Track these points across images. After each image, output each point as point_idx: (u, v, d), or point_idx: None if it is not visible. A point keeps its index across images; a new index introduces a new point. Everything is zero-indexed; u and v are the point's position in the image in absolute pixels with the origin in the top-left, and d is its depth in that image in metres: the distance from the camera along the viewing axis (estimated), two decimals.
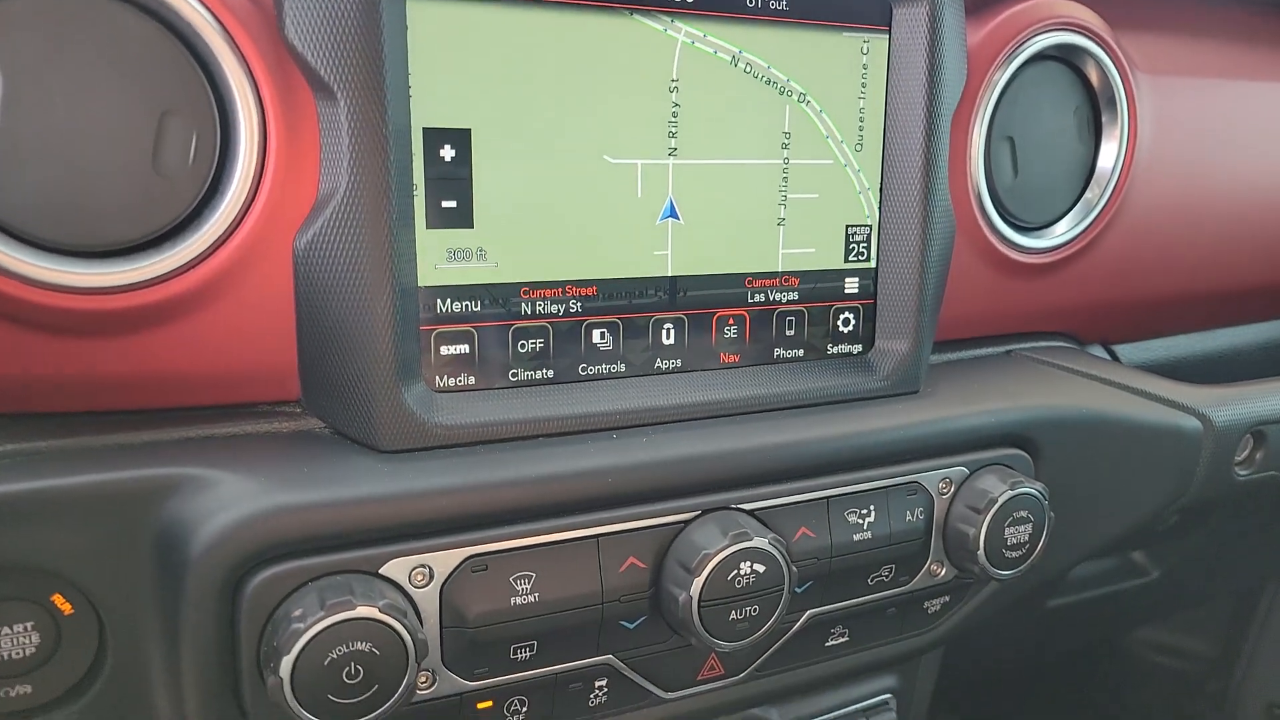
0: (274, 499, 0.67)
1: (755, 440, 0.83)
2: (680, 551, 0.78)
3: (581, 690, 0.80)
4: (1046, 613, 1.60)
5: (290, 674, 0.64)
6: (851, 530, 0.86)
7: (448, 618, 0.72)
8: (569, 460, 0.76)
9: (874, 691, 1.07)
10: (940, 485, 0.91)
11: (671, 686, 0.84)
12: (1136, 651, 2.26)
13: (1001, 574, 0.91)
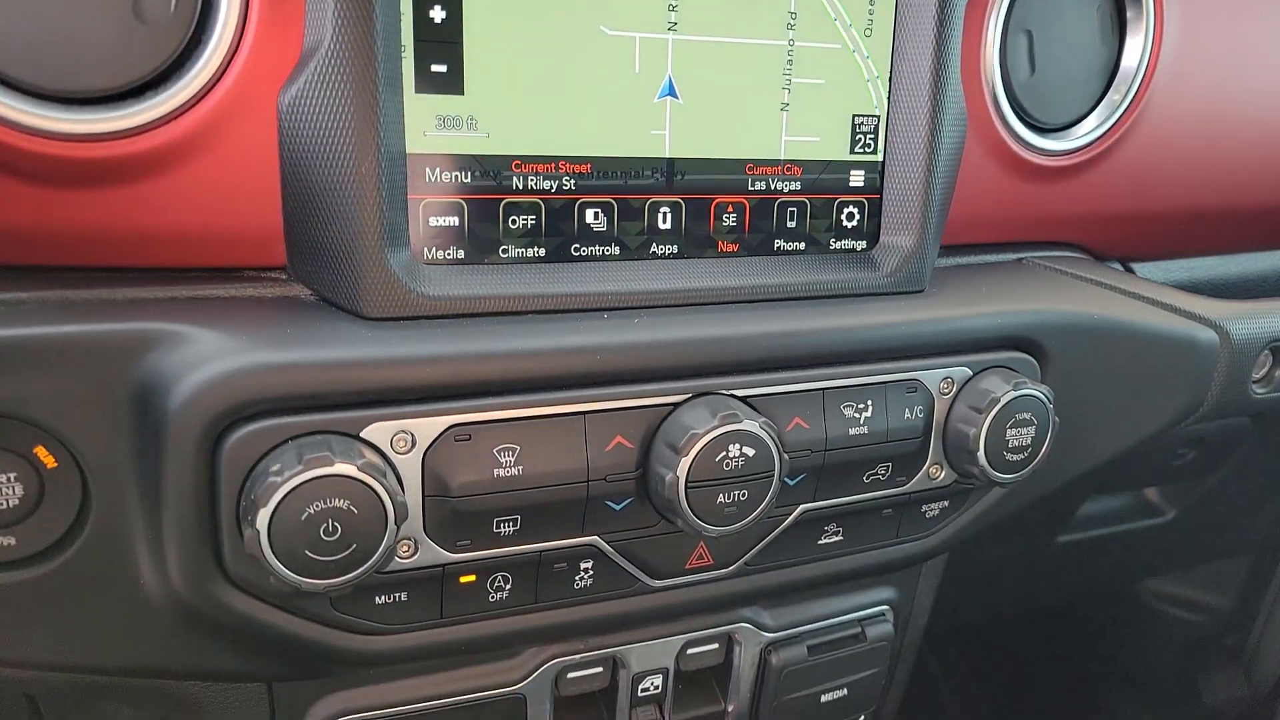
0: (255, 356, 0.67)
1: (751, 327, 0.81)
2: (669, 432, 0.76)
3: (566, 572, 0.80)
4: (1056, 550, 1.58)
5: (267, 527, 0.64)
6: (847, 424, 0.85)
7: (430, 486, 0.71)
8: (557, 336, 0.75)
9: (871, 602, 1.06)
10: (941, 385, 0.89)
11: (659, 574, 0.83)
12: (1148, 602, 2.24)
13: (1002, 477, 0.89)
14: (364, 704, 0.85)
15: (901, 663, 1.16)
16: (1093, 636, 2.42)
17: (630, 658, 0.94)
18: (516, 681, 0.89)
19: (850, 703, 1.06)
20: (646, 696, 0.96)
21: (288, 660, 0.77)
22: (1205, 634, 2.22)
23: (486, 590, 0.77)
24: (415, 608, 0.76)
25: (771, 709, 1.01)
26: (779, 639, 1.00)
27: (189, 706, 0.82)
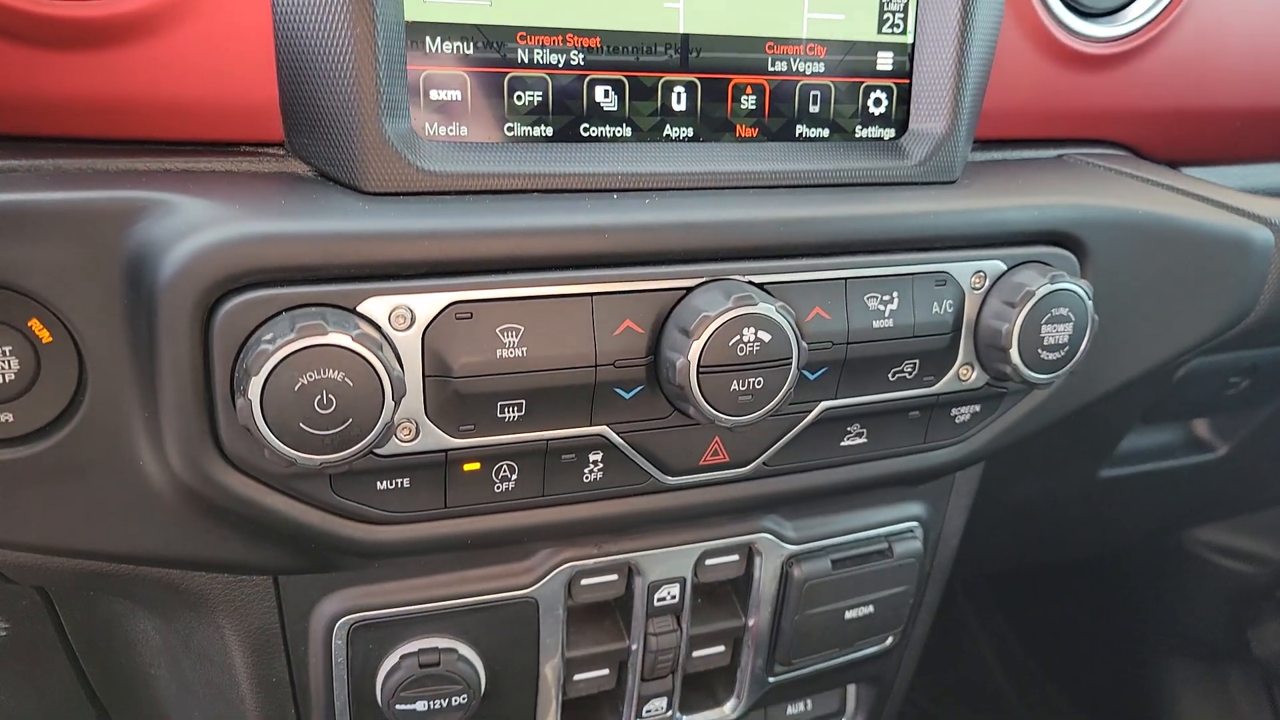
0: (248, 226, 0.64)
1: (770, 211, 0.77)
2: (680, 317, 0.73)
3: (575, 464, 0.77)
4: (1098, 487, 1.52)
5: (259, 397, 0.62)
6: (871, 316, 0.81)
7: (430, 366, 0.69)
8: (564, 215, 0.72)
9: (899, 518, 1.02)
10: (973, 280, 0.84)
11: (672, 470, 0.80)
12: (1195, 552, 2.16)
13: (1037, 377, 0.85)
14: (372, 602, 0.83)
15: (931, 585, 1.12)
16: (1135, 587, 2.35)
17: (646, 565, 0.91)
18: (528, 585, 0.87)
19: (876, 621, 1.03)
20: (663, 607, 0.94)
21: (291, 550, 0.76)
22: (1256, 586, 2.15)
23: (492, 480, 0.75)
24: (418, 496, 0.74)
25: (793, 624, 0.98)
26: (802, 552, 0.97)
27: (196, 601, 0.81)
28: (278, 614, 0.82)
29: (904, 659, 1.16)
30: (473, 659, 0.87)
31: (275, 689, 0.85)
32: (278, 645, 0.83)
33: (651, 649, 0.94)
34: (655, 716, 0.99)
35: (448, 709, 0.85)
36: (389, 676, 0.84)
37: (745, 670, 1.01)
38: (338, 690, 0.85)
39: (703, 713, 1.03)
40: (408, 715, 0.85)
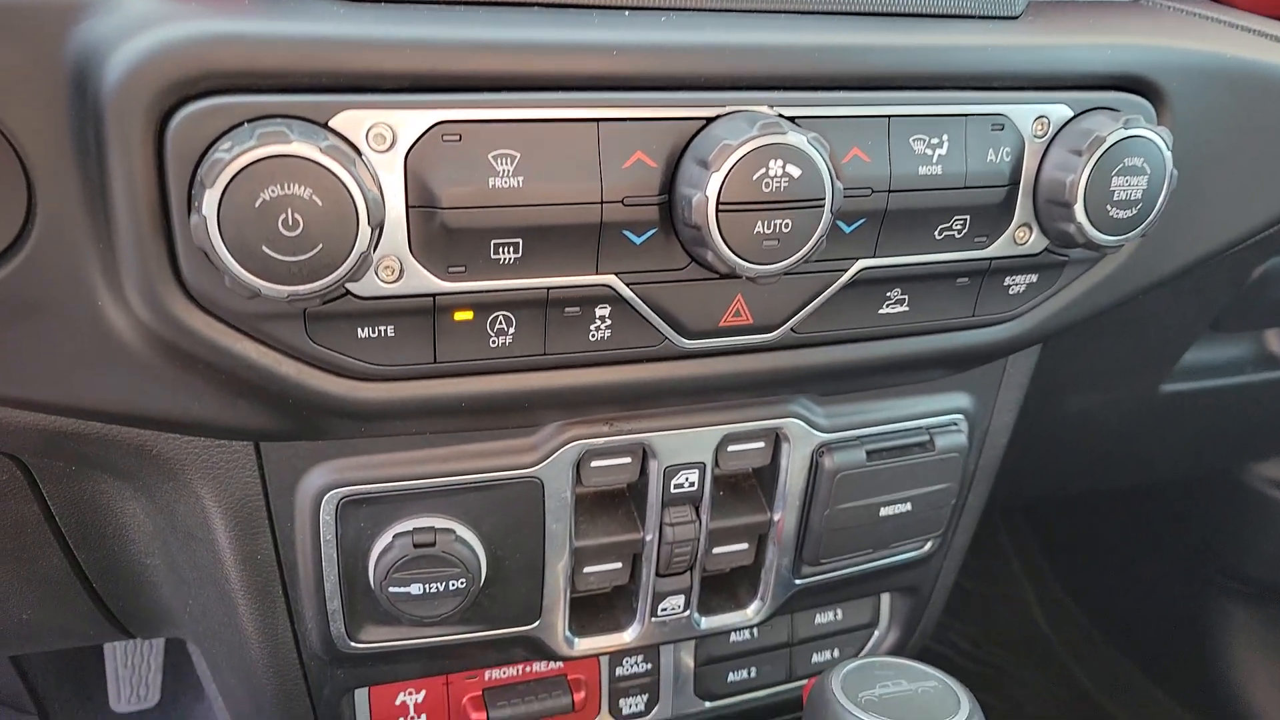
0: (209, 24, 0.57)
1: (805, 37, 0.68)
2: (700, 148, 0.64)
3: (580, 319, 0.69)
4: (1159, 403, 1.41)
5: (216, 212, 0.55)
6: (917, 161, 0.71)
7: (414, 194, 0.61)
8: (569, 30, 0.63)
9: (942, 409, 0.93)
10: (1035, 126, 0.74)
11: (689, 330, 0.72)
12: (1257, 487, 2.04)
13: (1105, 238, 0.75)
14: (362, 476, 0.77)
15: (975, 488, 1.04)
16: (1190, 525, 2.24)
17: (662, 448, 0.83)
18: (533, 464, 0.80)
19: (914, 522, 0.95)
20: (681, 495, 0.86)
21: (268, 408, 0.69)
22: None
23: (487, 333, 0.68)
24: (404, 348, 0.66)
25: (823, 520, 0.90)
26: (834, 441, 0.89)
27: (173, 469, 0.75)
28: (260, 485, 0.76)
29: (943, 569, 1.08)
30: (472, 541, 0.80)
31: (261, 567, 0.80)
32: (262, 519, 0.77)
33: (667, 540, 0.87)
34: (671, 616, 0.92)
35: (444, 593, 0.79)
36: (382, 556, 0.78)
37: (770, 570, 0.93)
38: (327, 570, 0.79)
39: (723, 615, 0.95)
40: (401, 598, 0.78)
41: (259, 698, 0.89)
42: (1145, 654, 2.40)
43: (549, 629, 0.88)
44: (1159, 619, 2.38)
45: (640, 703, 1.01)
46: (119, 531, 0.89)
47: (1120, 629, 2.46)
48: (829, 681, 0.78)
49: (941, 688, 0.78)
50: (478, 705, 0.93)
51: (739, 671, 1.04)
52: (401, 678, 0.90)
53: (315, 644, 0.83)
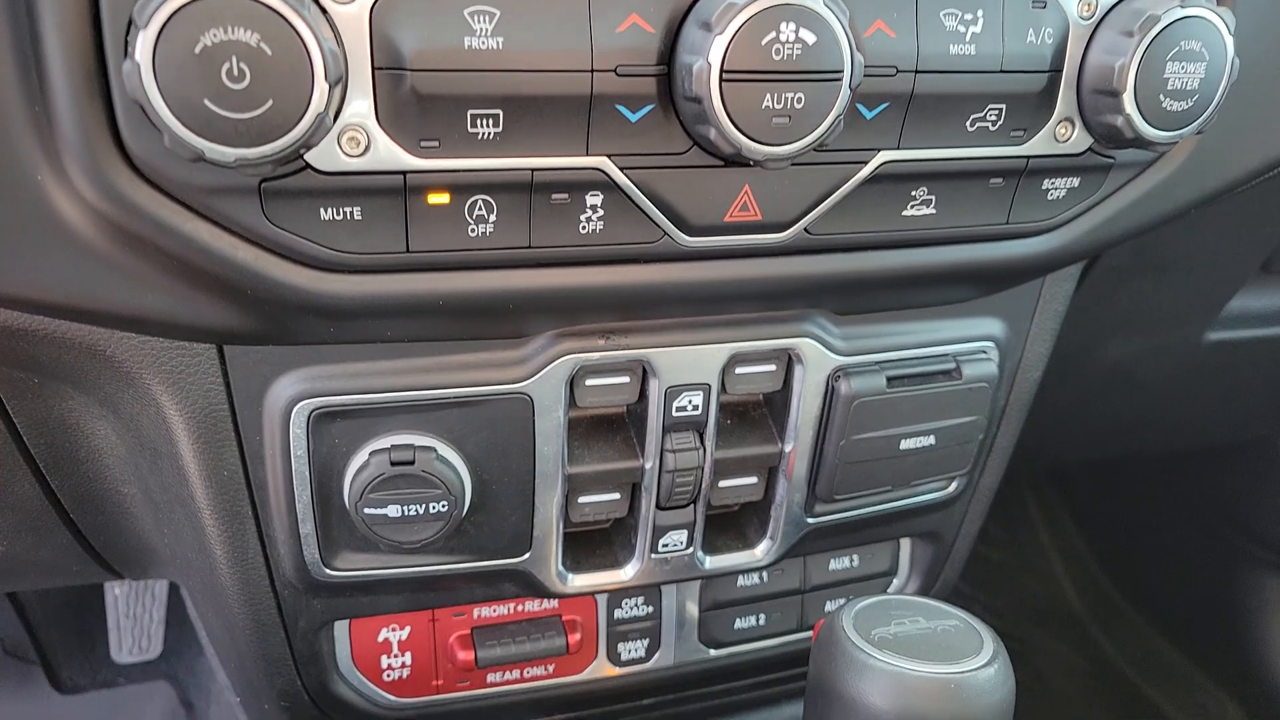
0: None
1: None
2: (702, 9, 0.57)
3: (568, 207, 0.63)
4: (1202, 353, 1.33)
5: (151, 59, 0.49)
6: (948, 39, 0.64)
7: (381, 54, 0.55)
8: None
9: (971, 335, 0.86)
10: (1081, 6, 0.66)
11: (690, 225, 0.65)
12: None
13: (1156, 134, 0.67)
14: (335, 386, 0.71)
15: (1005, 426, 0.96)
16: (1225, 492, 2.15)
17: (664, 365, 0.77)
18: (522, 379, 0.74)
19: (938, 458, 0.88)
20: (684, 419, 0.80)
21: (225, 301, 0.63)
22: None
23: (465, 220, 0.61)
24: (373, 233, 0.60)
25: (838, 451, 0.83)
26: (851, 365, 0.81)
27: (132, 376, 0.70)
28: (225, 393, 0.70)
29: (968, 515, 1.01)
30: (455, 461, 0.74)
31: (228, 485, 0.74)
32: (227, 432, 0.72)
33: (668, 468, 0.80)
34: (673, 553, 0.86)
35: (424, 517, 0.73)
36: (357, 475, 0.72)
37: (780, 507, 0.87)
38: (299, 490, 0.73)
39: (730, 554, 0.89)
40: (378, 521, 0.73)
41: (234, 631, 0.84)
42: (1175, 626, 2.32)
43: (541, 563, 0.82)
44: (1190, 590, 2.29)
45: (640, 648, 0.95)
46: (92, 455, 0.84)
47: (1150, 600, 2.38)
48: (840, 619, 0.72)
49: (963, 626, 0.71)
50: (465, 644, 0.88)
51: (746, 618, 0.97)
52: (383, 611, 0.85)
53: (288, 571, 0.78)
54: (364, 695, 0.88)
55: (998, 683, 0.67)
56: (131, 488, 0.87)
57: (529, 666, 0.92)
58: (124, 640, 1.85)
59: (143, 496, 0.87)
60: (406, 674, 0.89)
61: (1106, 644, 2.39)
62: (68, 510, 0.95)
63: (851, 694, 0.67)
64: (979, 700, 0.66)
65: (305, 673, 0.85)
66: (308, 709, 0.88)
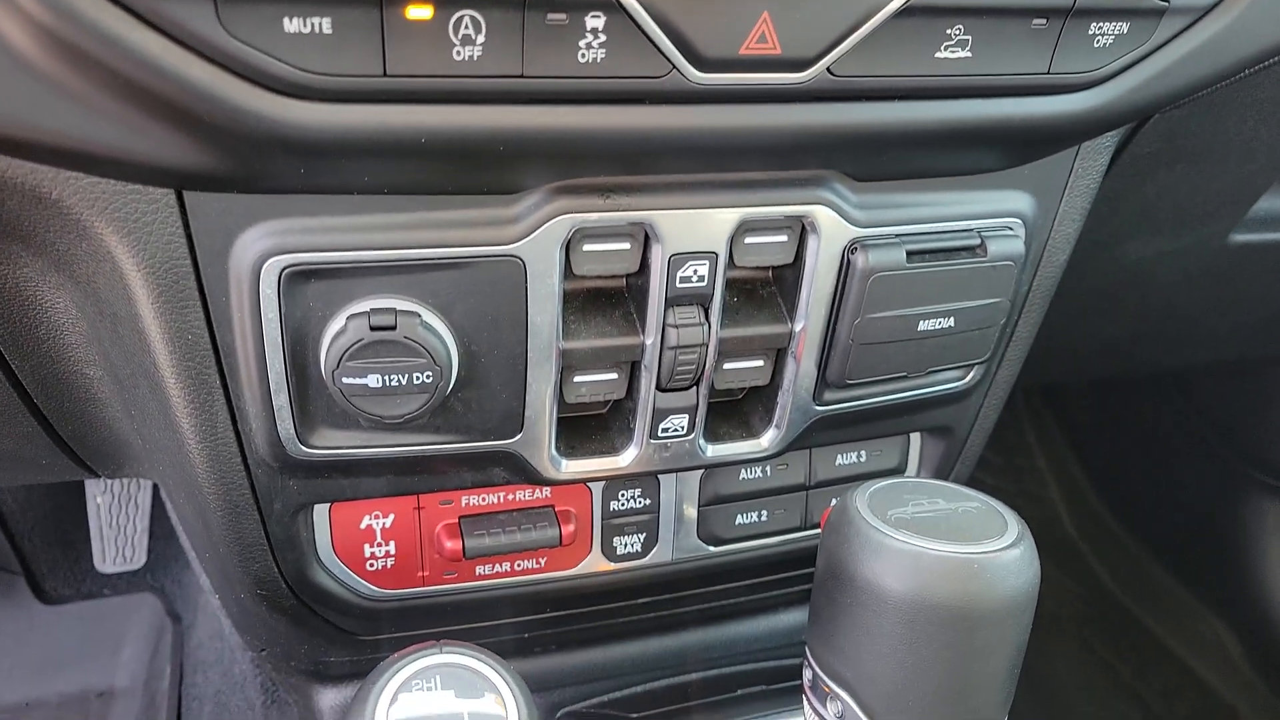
0: None
1: None
2: None
3: (566, 30, 0.56)
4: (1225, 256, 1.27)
5: None
6: None
7: None
8: None
9: (997, 211, 0.80)
10: None
11: (702, 57, 0.58)
12: None
13: None
14: (308, 242, 0.64)
15: (1027, 313, 0.91)
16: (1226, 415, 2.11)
17: (668, 230, 0.71)
18: (515, 239, 0.68)
19: (956, 343, 0.82)
20: (688, 291, 0.74)
21: (181, 131, 0.56)
22: None
23: (450, 39, 0.54)
24: (345, 51, 0.53)
25: (852, 330, 0.78)
26: (870, 237, 0.75)
27: (82, 225, 0.63)
28: (187, 246, 0.64)
29: (983, 408, 0.96)
30: (440, 329, 0.68)
31: (193, 351, 0.68)
32: (190, 290, 0.66)
33: (670, 344, 0.75)
34: (674, 439, 0.81)
35: (407, 388, 0.67)
36: (334, 341, 0.67)
37: (787, 393, 0.82)
38: (271, 356, 0.67)
39: (733, 443, 0.84)
40: (357, 392, 0.67)
41: (205, 514, 0.79)
42: (1171, 552, 2.30)
43: (533, 446, 0.77)
44: (1187, 516, 2.27)
45: (636, 542, 0.90)
46: (53, 333, 0.78)
47: (1146, 527, 2.36)
48: (853, 500, 0.67)
49: (984, 508, 0.67)
50: (453, 533, 0.83)
51: (748, 514, 0.93)
52: (365, 495, 0.79)
53: (261, 448, 0.72)
54: (346, 585, 0.84)
55: (1023, 564, 0.62)
56: (97, 370, 0.81)
57: (520, 559, 0.87)
58: (107, 549, 1.81)
59: (109, 379, 0.81)
60: (391, 564, 0.84)
61: (1102, 571, 2.38)
62: (31, 395, 0.89)
63: (866, 576, 0.63)
64: (1004, 583, 0.61)
65: (282, 559, 0.81)
66: (286, 598, 0.84)
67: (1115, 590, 2.35)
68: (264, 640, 0.98)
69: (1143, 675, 2.17)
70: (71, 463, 1.01)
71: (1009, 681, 0.65)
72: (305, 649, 0.95)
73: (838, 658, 0.66)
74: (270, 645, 0.98)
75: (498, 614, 0.93)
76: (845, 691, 0.65)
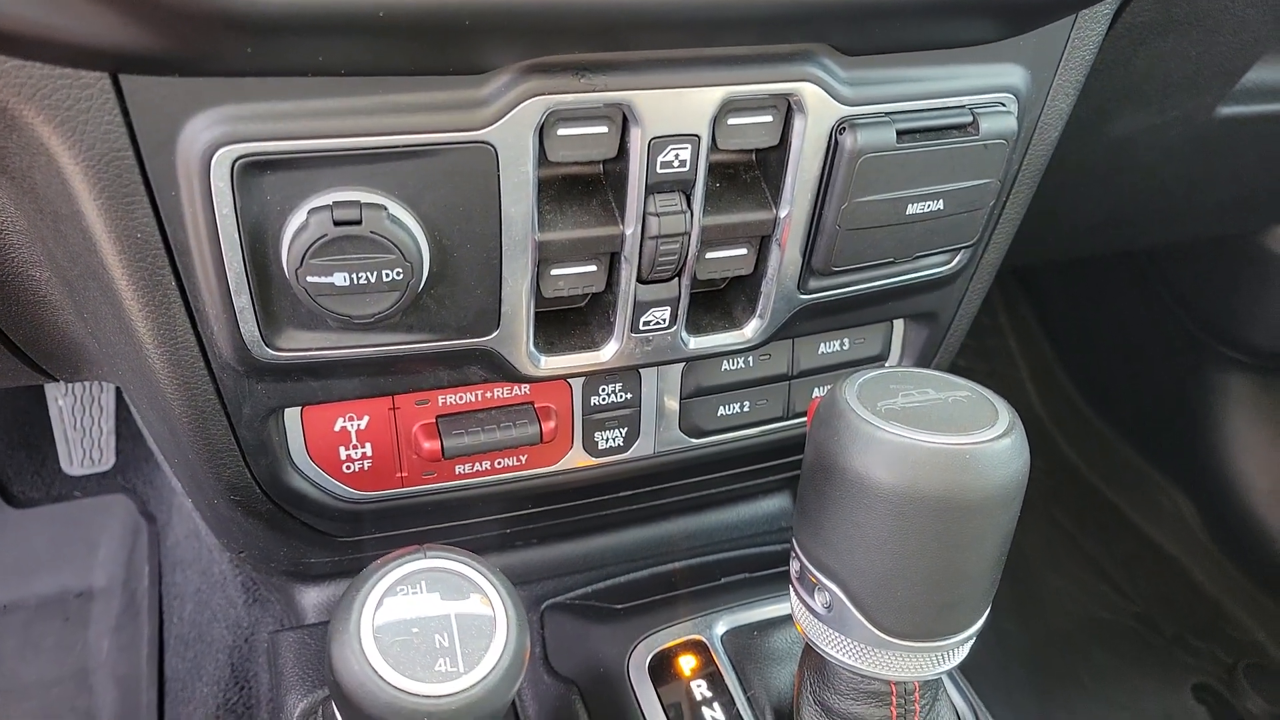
0: None
1: None
2: None
3: None
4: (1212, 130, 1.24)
5: None
6: None
7: None
8: None
9: (989, 86, 0.76)
10: None
11: None
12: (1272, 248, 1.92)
13: None
14: (261, 130, 0.59)
15: (1016, 193, 0.88)
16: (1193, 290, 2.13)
17: (647, 111, 0.66)
18: (484, 123, 0.63)
19: (945, 225, 0.79)
20: (669, 177, 0.70)
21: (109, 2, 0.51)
22: None
23: None
24: None
25: (839, 216, 0.75)
26: (859, 115, 0.72)
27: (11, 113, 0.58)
28: (128, 136, 0.59)
29: (968, 293, 0.94)
30: (408, 222, 0.64)
31: (144, 250, 0.64)
32: (136, 185, 0.61)
33: (651, 233, 0.71)
34: (656, 331, 0.79)
35: (376, 285, 0.64)
36: (296, 237, 0.62)
37: (771, 281, 0.79)
38: (229, 255, 0.63)
39: (716, 334, 0.82)
40: (324, 291, 0.63)
41: (170, 421, 0.76)
42: (1136, 428, 2.36)
43: (510, 342, 0.74)
44: (1153, 393, 2.32)
45: (618, 437, 0.89)
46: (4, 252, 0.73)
47: (1113, 404, 2.41)
48: (841, 391, 0.66)
49: (975, 397, 0.66)
50: (430, 434, 0.81)
51: (730, 405, 0.92)
52: (337, 397, 0.77)
53: (225, 352, 0.69)
54: (322, 488, 0.82)
55: (1014, 453, 0.62)
56: (43, 271, 0.76)
57: (500, 457, 0.86)
58: (74, 452, 1.78)
59: (58, 281, 0.76)
60: (368, 465, 0.82)
61: (1068, 448, 2.44)
62: None
63: (856, 469, 0.62)
64: (996, 472, 0.61)
65: (255, 464, 0.78)
66: (261, 502, 0.82)
67: (1081, 466, 2.41)
68: (241, 543, 0.97)
69: (1105, 546, 2.25)
70: (26, 368, 0.97)
71: (996, 568, 0.65)
72: (284, 551, 0.94)
73: (826, 550, 0.66)
74: (248, 548, 0.97)
75: (479, 512, 0.92)
76: (833, 583, 0.65)
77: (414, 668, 0.58)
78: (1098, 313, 2.42)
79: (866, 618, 0.64)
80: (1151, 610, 2.13)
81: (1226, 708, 1.95)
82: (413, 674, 0.58)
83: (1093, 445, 2.40)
